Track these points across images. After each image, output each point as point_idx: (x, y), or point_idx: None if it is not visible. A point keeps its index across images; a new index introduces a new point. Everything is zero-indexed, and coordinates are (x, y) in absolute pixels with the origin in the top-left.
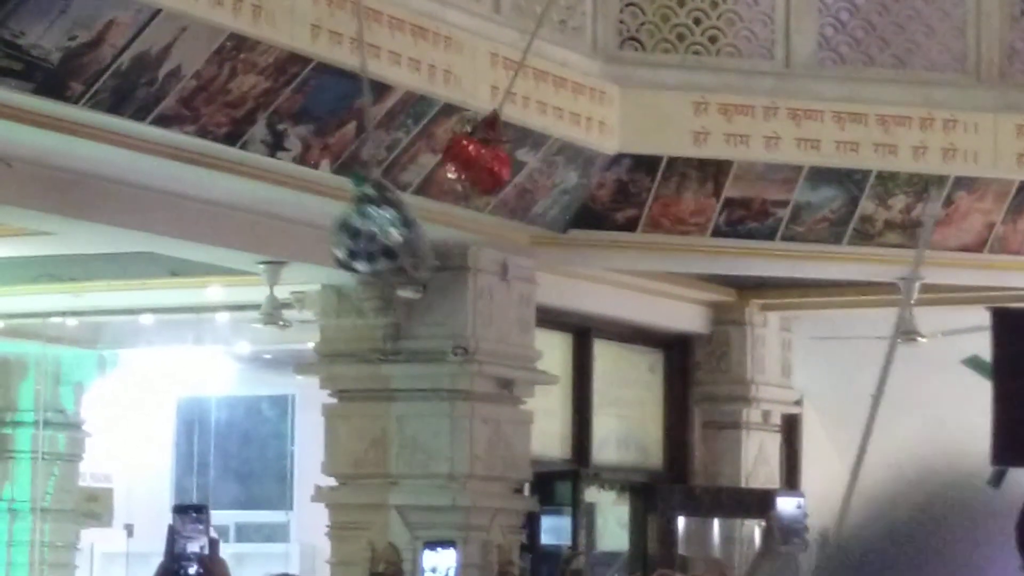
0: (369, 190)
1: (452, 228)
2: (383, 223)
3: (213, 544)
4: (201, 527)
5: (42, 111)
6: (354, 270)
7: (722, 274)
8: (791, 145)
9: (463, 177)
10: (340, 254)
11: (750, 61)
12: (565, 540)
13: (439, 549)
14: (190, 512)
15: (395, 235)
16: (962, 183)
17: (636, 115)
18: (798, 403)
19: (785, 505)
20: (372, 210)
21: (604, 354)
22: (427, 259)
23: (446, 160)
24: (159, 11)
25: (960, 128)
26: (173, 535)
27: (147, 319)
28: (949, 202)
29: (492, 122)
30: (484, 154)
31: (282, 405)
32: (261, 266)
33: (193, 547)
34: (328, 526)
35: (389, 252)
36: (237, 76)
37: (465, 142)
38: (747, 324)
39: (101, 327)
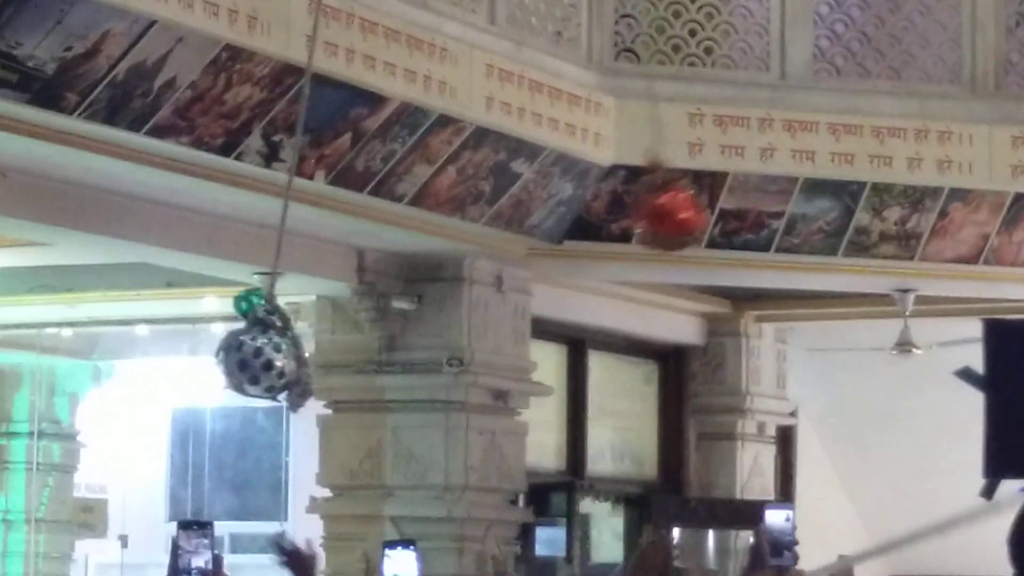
0: (275, 320)
1: (447, 239)
2: (286, 352)
3: (217, 560)
4: (206, 543)
5: (37, 122)
6: (242, 390)
7: (717, 285)
8: (786, 156)
9: (657, 232)
10: (232, 373)
11: (745, 73)
12: (560, 552)
13: (399, 548)
14: (194, 528)
15: (292, 368)
16: (957, 195)
17: (631, 126)
18: (793, 415)
19: (774, 518)
20: (277, 338)
21: (599, 365)
22: (310, 393)
23: (640, 221)
24: (155, 22)
25: (955, 140)
26: (177, 551)
27: (142, 330)
28: (944, 213)
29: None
30: (675, 203)
31: (277, 416)
32: (256, 277)
33: (197, 563)
34: (323, 537)
35: (287, 385)
36: (232, 87)
37: (654, 198)
38: (742, 335)
39: (96, 338)
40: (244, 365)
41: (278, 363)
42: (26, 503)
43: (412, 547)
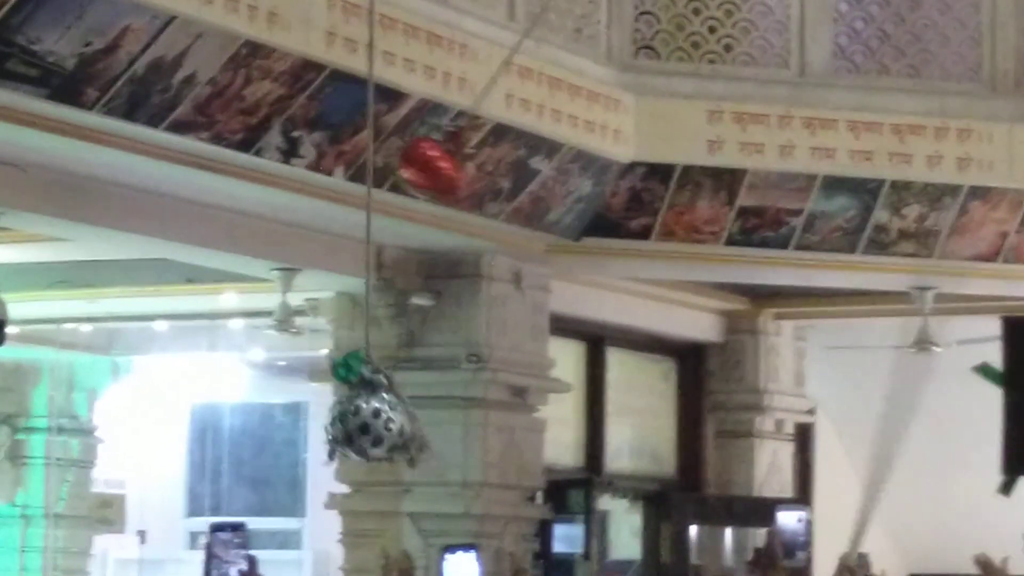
0: (382, 379)
1: (466, 236)
2: (400, 410)
3: (252, 561)
4: (240, 543)
5: (57, 117)
6: (364, 454)
7: (736, 283)
8: (805, 154)
9: (416, 179)
10: (354, 439)
11: (765, 70)
12: (578, 548)
13: (460, 552)
14: (228, 530)
15: (409, 425)
16: (976, 193)
17: (650, 123)
18: (811, 412)
19: (787, 519)
20: (388, 396)
21: (617, 362)
22: (428, 447)
23: (402, 162)
24: (174, 18)
25: (975, 138)
26: (211, 553)
27: (161, 325)
28: (963, 211)
29: (456, 136)
30: (440, 160)
31: (296, 412)
32: (275, 273)
33: (232, 565)
34: (341, 533)
35: (407, 443)
36: (252, 83)
37: (425, 145)
38: (760, 333)
39: (115, 333)
40: (366, 428)
41: (397, 422)
42: (45, 498)
43: (473, 550)
